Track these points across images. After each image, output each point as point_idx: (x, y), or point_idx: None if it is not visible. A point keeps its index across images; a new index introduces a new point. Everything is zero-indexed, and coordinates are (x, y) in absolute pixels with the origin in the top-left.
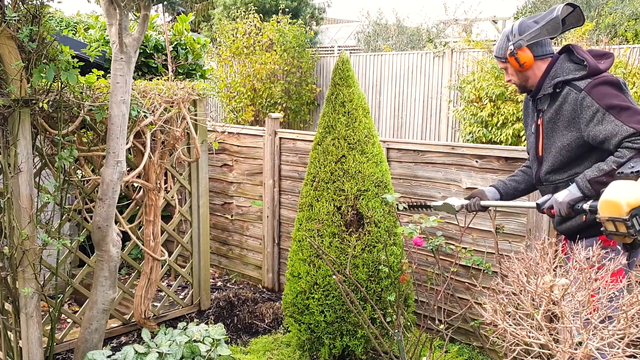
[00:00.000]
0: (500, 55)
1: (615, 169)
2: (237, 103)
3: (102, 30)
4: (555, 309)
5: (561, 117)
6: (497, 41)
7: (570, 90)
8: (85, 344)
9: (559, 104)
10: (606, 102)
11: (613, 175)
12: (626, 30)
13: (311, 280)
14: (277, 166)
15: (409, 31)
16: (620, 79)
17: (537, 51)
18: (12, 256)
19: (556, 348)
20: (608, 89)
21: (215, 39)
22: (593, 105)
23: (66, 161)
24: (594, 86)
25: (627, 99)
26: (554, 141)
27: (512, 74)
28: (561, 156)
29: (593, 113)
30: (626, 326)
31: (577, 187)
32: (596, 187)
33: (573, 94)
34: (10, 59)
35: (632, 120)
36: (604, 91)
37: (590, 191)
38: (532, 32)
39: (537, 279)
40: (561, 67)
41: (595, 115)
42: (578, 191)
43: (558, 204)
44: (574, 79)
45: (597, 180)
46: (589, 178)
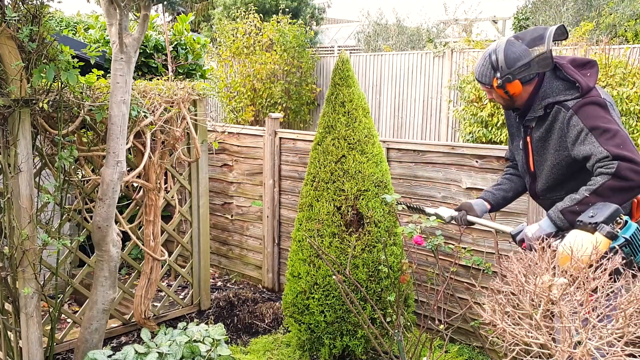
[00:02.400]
0: (485, 82)
1: (588, 197)
2: (237, 103)
3: (102, 30)
4: (554, 309)
5: (552, 137)
6: (479, 64)
7: (559, 109)
8: (85, 344)
9: (549, 124)
10: (590, 123)
11: (587, 204)
12: (626, 30)
13: (311, 280)
14: (277, 166)
15: (409, 31)
16: (608, 99)
17: (525, 78)
18: (12, 256)
19: (555, 347)
20: (595, 109)
21: (215, 39)
22: (578, 124)
23: (66, 161)
24: (582, 105)
25: (612, 120)
26: (545, 159)
27: (496, 97)
28: (554, 174)
29: (578, 132)
30: (625, 325)
31: (550, 220)
32: (569, 217)
33: (562, 113)
34: (10, 59)
35: (609, 142)
36: (590, 112)
37: (563, 222)
38: (522, 68)
39: (536, 279)
40: (550, 87)
41: (579, 134)
42: (550, 225)
43: (528, 239)
44: (567, 99)
45: (570, 210)
46: (560, 209)
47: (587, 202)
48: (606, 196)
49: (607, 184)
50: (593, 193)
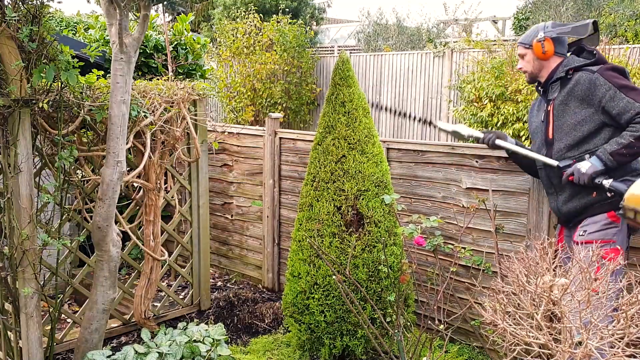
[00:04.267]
0: (527, 41)
1: (633, 142)
2: (237, 103)
3: (102, 30)
4: (555, 309)
5: (573, 97)
6: (527, 32)
7: (583, 73)
8: (85, 344)
9: (572, 86)
10: (617, 82)
11: (632, 148)
12: (626, 30)
13: (311, 280)
14: (277, 166)
15: (409, 31)
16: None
17: (558, 48)
18: (12, 256)
19: (556, 348)
20: (617, 73)
21: (215, 39)
22: (606, 84)
23: (66, 161)
24: (606, 70)
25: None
26: (565, 120)
27: (528, 61)
28: (575, 131)
29: (606, 90)
30: (626, 326)
31: (599, 159)
32: (617, 158)
33: (586, 75)
34: (10, 59)
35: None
36: (614, 74)
37: (612, 163)
38: (564, 29)
39: (537, 279)
40: (572, 59)
41: (607, 92)
42: (600, 164)
43: (580, 173)
44: (586, 64)
45: (618, 152)
46: (610, 151)
47: (632, 146)
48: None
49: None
50: (638, 139)
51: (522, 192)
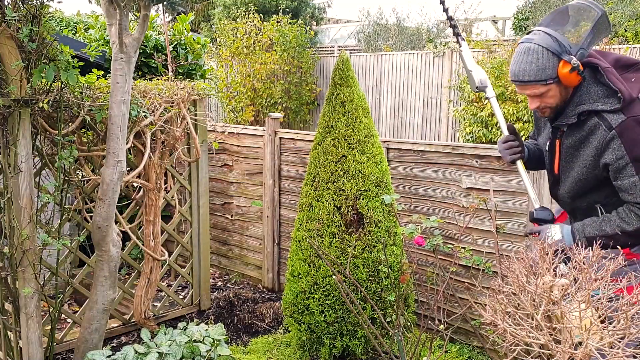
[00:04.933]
0: (544, 76)
1: (619, 235)
2: (237, 103)
3: (102, 30)
4: (555, 309)
5: (584, 151)
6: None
7: (598, 123)
8: (85, 344)
9: (585, 135)
10: (635, 153)
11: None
12: (626, 30)
13: (311, 280)
14: (277, 166)
15: (409, 31)
16: None
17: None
18: (12, 256)
19: (556, 348)
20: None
21: (215, 39)
22: (620, 149)
23: (66, 161)
24: (627, 128)
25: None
26: (572, 168)
27: (554, 96)
28: (578, 187)
29: (617, 158)
30: (626, 326)
31: (573, 237)
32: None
33: (601, 131)
34: (10, 59)
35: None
36: (636, 136)
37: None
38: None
39: (537, 279)
40: (587, 92)
41: (617, 161)
42: (571, 242)
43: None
44: (605, 110)
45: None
46: (587, 235)
47: (617, 239)
48: (637, 238)
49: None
50: (625, 233)
51: (522, 192)
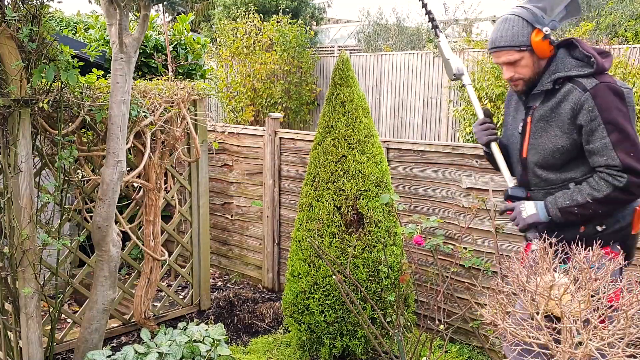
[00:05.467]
0: (519, 43)
1: (590, 202)
2: (237, 103)
3: (102, 30)
4: (555, 309)
5: (557, 117)
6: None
7: (573, 87)
8: (85, 344)
9: (557, 102)
10: (607, 115)
11: (587, 209)
12: (626, 30)
13: (311, 280)
14: (277, 166)
15: (409, 31)
16: (626, 88)
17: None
18: (12, 256)
19: (556, 348)
20: (614, 99)
21: (215, 39)
22: (594, 111)
23: (66, 161)
24: (600, 91)
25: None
26: (543, 142)
27: (526, 65)
28: (554, 159)
29: (590, 119)
30: (626, 326)
31: (546, 211)
32: (566, 216)
33: (576, 92)
34: (10, 59)
35: (622, 147)
36: (608, 99)
37: (559, 219)
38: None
39: (537, 279)
40: (562, 62)
41: (591, 122)
42: (545, 216)
43: (520, 217)
44: (579, 75)
45: (569, 209)
46: (559, 206)
47: (588, 208)
48: (608, 205)
49: (612, 195)
50: (596, 201)
51: None
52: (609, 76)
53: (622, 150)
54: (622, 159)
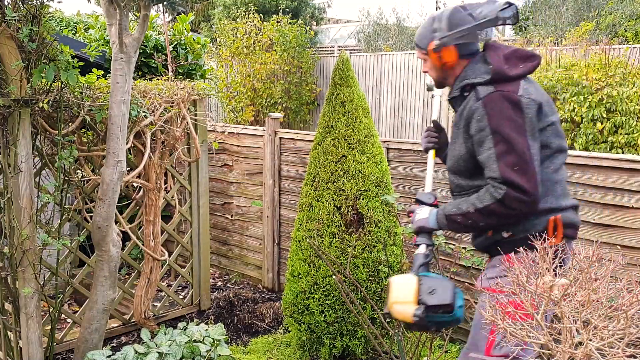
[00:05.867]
0: (422, 45)
1: (471, 213)
2: (237, 103)
3: (102, 30)
4: (555, 309)
5: (462, 124)
6: (420, 27)
7: (472, 95)
8: (85, 344)
9: (461, 110)
10: (495, 124)
11: (470, 219)
12: (626, 30)
13: (311, 280)
14: (277, 166)
15: (409, 31)
16: (526, 98)
17: (463, 50)
18: (12, 256)
19: (556, 348)
20: (506, 107)
21: (215, 39)
22: (483, 119)
23: (66, 161)
24: (493, 99)
25: (521, 126)
26: (453, 148)
27: (430, 68)
28: (460, 166)
29: (479, 129)
30: (626, 326)
31: (435, 217)
32: (451, 225)
33: (472, 101)
34: (10, 59)
35: (504, 159)
36: (499, 108)
37: (445, 227)
38: (464, 32)
39: (537, 279)
40: (472, 69)
41: (480, 132)
42: (435, 222)
43: (413, 218)
44: (479, 83)
45: (454, 217)
46: (446, 213)
47: (470, 217)
48: (489, 217)
49: (492, 206)
50: (477, 211)
51: None
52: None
53: (504, 163)
54: (502, 172)
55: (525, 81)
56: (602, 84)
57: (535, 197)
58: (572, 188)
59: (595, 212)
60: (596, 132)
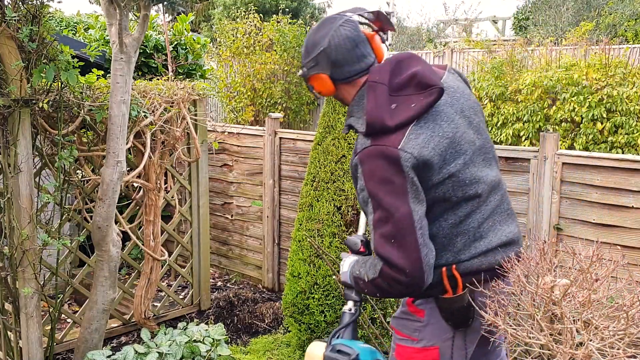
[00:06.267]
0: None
1: (366, 282)
2: (237, 103)
3: (102, 30)
4: (555, 309)
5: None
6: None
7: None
8: (85, 344)
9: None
10: (371, 187)
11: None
12: (626, 30)
13: (311, 280)
14: (277, 166)
15: (409, 31)
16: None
17: (337, 74)
18: (12, 256)
19: (557, 348)
20: (384, 168)
21: (215, 39)
22: (362, 179)
23: (66, 161)
24: (368, 157)
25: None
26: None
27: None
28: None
29: (360, 189)
30: (627, 326)
31: (349, 274)
32: (357, 287)
33: (353, 153)
34: (10, 59)
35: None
36: (375, 169)
37: (351, 286)
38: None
39: (538, 280)
40: (359, 104)
41: (362, 192)
42: (348, 278)
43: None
44: (357, 131)
45: (357, 281)
46: (354, 274)
47: (366, 286)
48: (379, 290)
49: (377, 281)
50: (370, 282)
51: (522, 192)
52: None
53: (380, 234)
54: (376, 246)
55: (420, 122)
56: (602, 84)
57: (415, 277)
58: (572, 188)
59: (595, 212)
60: (596, 132)
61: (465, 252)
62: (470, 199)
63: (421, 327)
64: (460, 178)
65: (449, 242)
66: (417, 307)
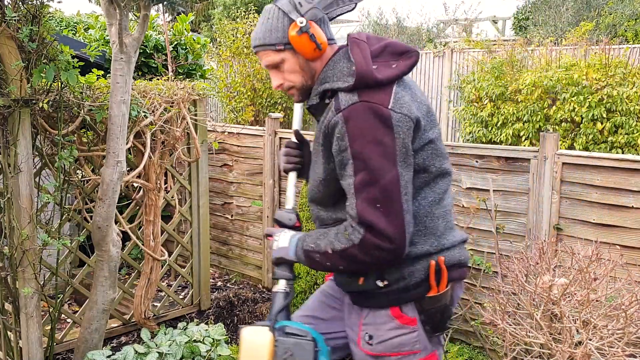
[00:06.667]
0: (274, 41)
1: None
2: (237, 103)
3: (102, 30)
4: (554, 309)
5: (321, 139)
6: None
7: (333, 103)
8: (85, 344)
9: (322, 120)
10: (357, 145)
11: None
12: (626, 30)
13: (311, 280)
14: (277, 166)
15: (409, 31)
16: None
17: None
18: (12, 256)
19: (556, 347)
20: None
21: (215, 39)
22: (344, 139)
23: (66, 161)
24: (356, 113)
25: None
26: (312, 171)
27: (291, 70)
28: (320, 194)
29: (339, 150)
30: (625, 325)
31: (295, 249)
32: (309, 261)
33: (331, 112)
34: (10, 59)
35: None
36: (365, 127)
37: (305, 263)
38: None
39: (537, 279)
40: (334, 68)
41: (341, 153)
42: (294, 253)
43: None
44: (340, 88)
45: (311, 254)
46: (305, 248)
47: (328, 259)
48: (349, 262)
49: (349, 250)
50: (335, 253)
51: (522, 192)
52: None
53: (364, 198)
54: (359, 210)
55: (400, 86)
56: (602, 84)
57: (399, 245)
58: (572, 188)
59: (595, 212)
60: (596, 132)
61: (446, 237)
62: (444, 175)
63: (418, 335)
64: (438, 146)
65: (432, 223)
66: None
